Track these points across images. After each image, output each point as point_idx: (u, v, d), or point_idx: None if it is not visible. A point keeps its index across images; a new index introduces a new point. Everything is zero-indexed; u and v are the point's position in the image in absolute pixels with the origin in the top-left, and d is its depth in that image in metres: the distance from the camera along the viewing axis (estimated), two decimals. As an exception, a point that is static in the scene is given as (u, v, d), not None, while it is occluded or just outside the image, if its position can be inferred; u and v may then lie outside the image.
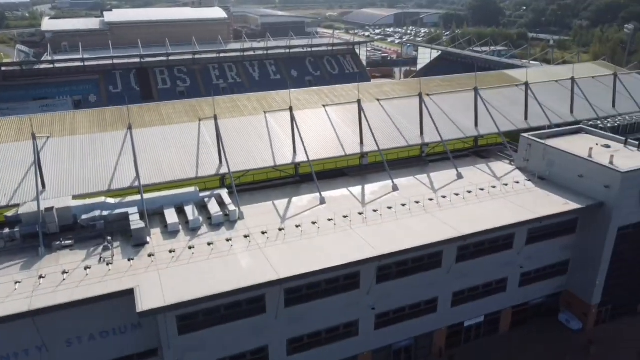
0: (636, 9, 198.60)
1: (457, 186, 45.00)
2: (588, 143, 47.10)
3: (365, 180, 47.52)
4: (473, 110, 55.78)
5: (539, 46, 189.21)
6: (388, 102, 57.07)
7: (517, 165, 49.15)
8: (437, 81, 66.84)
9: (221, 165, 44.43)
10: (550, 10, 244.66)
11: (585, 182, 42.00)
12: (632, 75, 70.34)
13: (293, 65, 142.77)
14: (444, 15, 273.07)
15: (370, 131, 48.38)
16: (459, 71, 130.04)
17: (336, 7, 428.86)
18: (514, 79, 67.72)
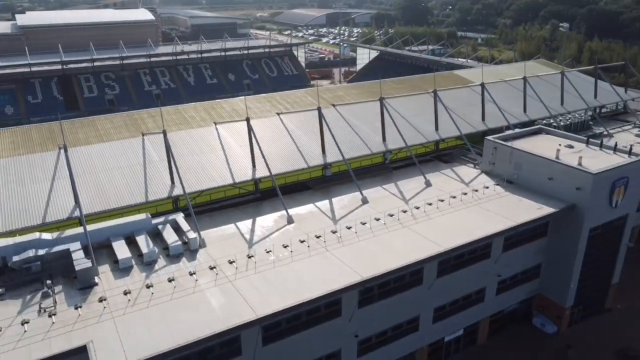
0: (554, 8, 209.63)
1: (428, 195, 43.08)
2: (551, 144, 46.82)
3: (331, 193, 44.52)
4: (432, 114, 54.37)
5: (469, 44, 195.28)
6: (345, 108, 54.38)
7: (482, 169, 48.08)
8: (390, 83, 65.15)
9: (174, 186, 39.78)
10: (475, 9, 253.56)
11: (556, 184, 41.37)
12: (573, 73, 72.09)
13: (230, 68, 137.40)
14: (375, 15, 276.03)
15: (334, 140, 45.42)
16: (398, 71, 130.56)
17: (266, 8, 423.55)
18: (466, 80, 67.39)
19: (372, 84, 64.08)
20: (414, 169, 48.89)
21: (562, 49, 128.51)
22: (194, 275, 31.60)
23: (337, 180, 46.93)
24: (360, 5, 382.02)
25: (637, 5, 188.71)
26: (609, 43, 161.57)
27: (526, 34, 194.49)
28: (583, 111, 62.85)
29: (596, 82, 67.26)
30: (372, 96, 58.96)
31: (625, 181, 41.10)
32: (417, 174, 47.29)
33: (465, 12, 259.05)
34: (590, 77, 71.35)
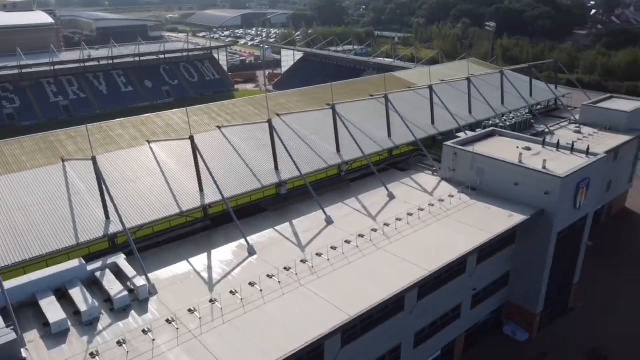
0: (464, 7, 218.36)
1: (394, 209, 40.24)
2: (508, 146, 45.90)
3: (290, 214, 40.35)
4: (382, 119, 51.86)
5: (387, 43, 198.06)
6: (292, 117, 50.32)
7: (442, 176, 46.16)
8: (334, 88, 61.72)
9: (109, 222, 33.67)
10: (389, 9, 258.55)
11: (522, 189, 40.16)
12: (508, 72, 72.93)
13: (146, 74, 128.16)
14: (291, 15, 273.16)
15: (288, 154, 41.20)
16: (325, 72, 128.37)
17: (175, 9, 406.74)
18: (407, 82, 65.79)
19: (315, 89, 60.52)
20: (372, 180, 45.99)
21: (491, 49, 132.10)
22: (149, 333, 26.20)
23: (293, 199, 42.82)
24: (274, 5, 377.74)
25: (538, 4, 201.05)
26: (517, 40, 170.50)
27: (440, 32, 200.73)
28: (522, 110, 63.38)
29: (531, 80, 68.49)
30: (317, 103, 55.50)
31: (587, 182, 40.78)
32: (376, 186, 44.41)
33: (379, 11, 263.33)
34: (522, 76, 72.75)
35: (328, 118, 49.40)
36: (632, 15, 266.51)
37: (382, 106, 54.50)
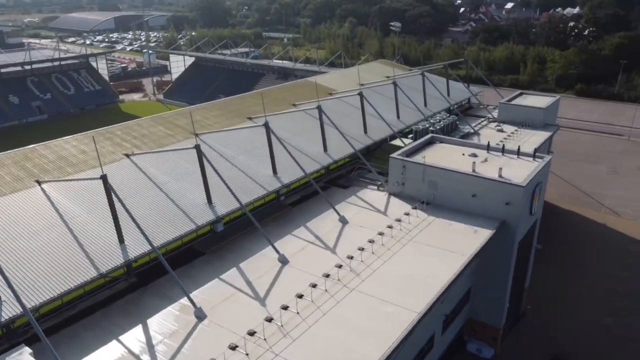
0: (348, 7, 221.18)
1: (352, 237, 35.62)
2: (453, 154, 43.51)
3: (233, 255, 33.89)
4: (314, 132, 47.11)
5: (275, 44, 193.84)
6: (215, 137, 43.49)
7: (389, 191, 42.49)
8: (249, 99, 55.64)
9: (0, 303, 24.89)
10: (273, 9, 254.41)
11: (480, 201, 37.72)
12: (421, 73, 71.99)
13: (9, 89, 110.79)
14: (171, 17, 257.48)
15: (223, 182, 34.59)
16: (221, 78, 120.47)
17: (33, 12, 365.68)
18: (327, 88, 61.53)
19: (232, 101, 53.86)
20: (315, 202, 41.02)
21: (397, 50, 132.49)
22: None
23: (232, 235, 36.31)
24: (148, 6, 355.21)
25: (417, 3, 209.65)
26: (404, 38, 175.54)
27: (329, 32, 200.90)
28: (444, 111, 62.37)
29: (448, 80, 67.97)
30: (237, 116, 49.20)
31: (540, 186, 39.54)
32: (323, 209, 39.49)
33: (263, 12, 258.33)
34: (436, 76, 72.24)
35: (257, 135, 43.50)
36: (495, 12, 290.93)
37: (311, 117, 49.76)
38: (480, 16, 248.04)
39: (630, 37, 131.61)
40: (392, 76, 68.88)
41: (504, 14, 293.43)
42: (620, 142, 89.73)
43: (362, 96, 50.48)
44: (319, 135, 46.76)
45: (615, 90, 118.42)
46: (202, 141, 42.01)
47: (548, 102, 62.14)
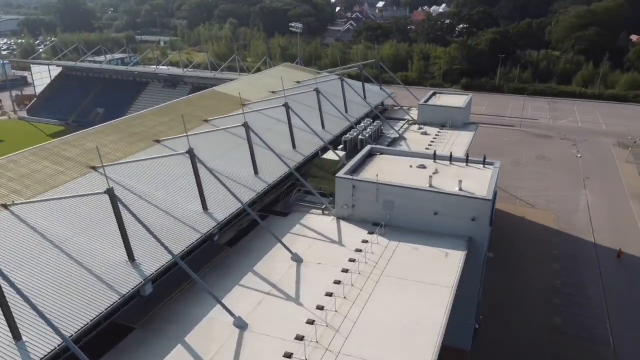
0: (227, 7, 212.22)
1: (312, 278, 30.01)
2: (400, 166, 39.72)
3: (171, 326, 26.40)
4: (240, 153, 40.63)
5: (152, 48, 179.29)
6: (121, 170, 35.02)
7: (337, 215, 37.47)
8: (150, 116, 46.95)
9: None
10: (144, 11, 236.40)
11: (443, 219, 34.26)
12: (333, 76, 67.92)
13: None
14: (23, 21, 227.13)
15: (147, 230, 26.91)
16: (98, 89, 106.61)
17: None
18: (237, 99, 54.64)
19: (129, 121, 44.82)
20: (255, 239, 34.76)
21: (299, 53, 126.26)
22: None
23: (165, 298, 28.64)
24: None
25: (298, 3, 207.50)
26: (290, 38, 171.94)
27: (210, 34, 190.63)
28: (365, 116, 58.91)
29: (364, 83, 64.60)
30: (142, 140, 40.97)
31: (496, 195, 37.11)
32: (266, 247, 33.36)
33: (133, 14, 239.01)
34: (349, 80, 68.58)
35: (175, 162, 36.02)
36: (369, 11, 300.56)
37: (232, 136, 43.03)
38: (357, 15, 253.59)
39: (502, 32, 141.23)
40: (302, 81, 64.14)
41: (377, 12, 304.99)
42: (514, 134, 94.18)
43: (288, 107, 44.73)
44: (245, 156, 40.28)
45: (497, 83, 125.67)
46: (105, 176, 33.41)
47: (464, 100, 61.58)
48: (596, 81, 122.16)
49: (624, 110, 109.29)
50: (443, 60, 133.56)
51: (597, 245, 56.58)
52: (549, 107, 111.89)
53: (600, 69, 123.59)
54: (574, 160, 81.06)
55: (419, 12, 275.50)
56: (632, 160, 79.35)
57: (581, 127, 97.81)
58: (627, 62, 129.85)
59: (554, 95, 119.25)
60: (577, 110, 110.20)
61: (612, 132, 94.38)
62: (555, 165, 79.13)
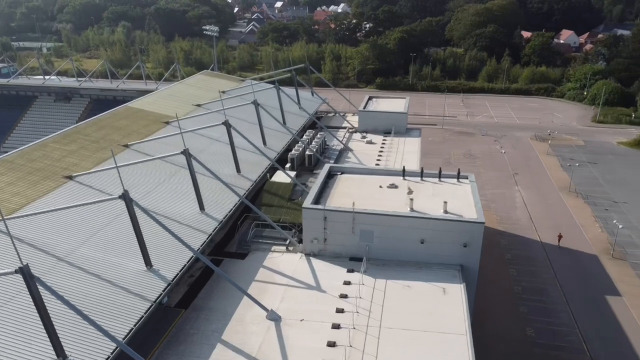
0: (117, 9, 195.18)
1: (298, 342, 24.27)
2: (368, 187, 35.02)
3: None
4: (179, 185, 33.61)
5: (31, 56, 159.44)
6: (30, 225, 26.67)
7: (306, 251, 31.92)
8: (52, 144, 37.81)
9: None
10: (19, 14, 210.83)
11: (430, 247, 30.14)
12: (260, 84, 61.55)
13: None
14: None
15: (76, 312, 19.59)
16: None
17: None
18: (158, 115, 46.89)
19: (28, 152, 35.49)
20: (215, 294, 28.22)
21: (215, 58, 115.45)
22: None
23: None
24: None
25: (197, 4, 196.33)
26: (193, 41, 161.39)
27: (100, 39, 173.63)
28: (303, 127, 53.65)
29: (297, 89, 59.03)
30: (49, 177, 32.62)
31: (477, 213, 33.77)
32: (232, 303, 27.10)
33: (6, 17, 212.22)
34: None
35: (100, 208, 28.32)
36: (269, 11, 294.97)
37: (164, 163, 35.72)
38: (258, 15, 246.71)
39: (408, 30, 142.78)
40: (227, 91, 57.45)
41: (277, 12, 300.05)
42: (437, 132, 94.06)
43: (229, 126, 38.08)
44: (184, 188, 33.41)
45: (410, 82, 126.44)
46: (9, 235, 25.09)
47: (403, 104, 58.62)
48: (500, 76, 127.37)
49: (530, 103, 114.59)
50: (356, 60, 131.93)
51: (543, 243, 56.36)
52: (463, 103, 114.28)
53: (502, 64, 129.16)
54: (499, 156, 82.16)
55: (319, 12, 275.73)
56: (551, 152, 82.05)
57: (497, 122, 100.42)
58: (524, 57, 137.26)
59: (464, 91, 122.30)
60: (488, 105, 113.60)
61: (525, 125, 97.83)
62: (484, 163, 79.57)
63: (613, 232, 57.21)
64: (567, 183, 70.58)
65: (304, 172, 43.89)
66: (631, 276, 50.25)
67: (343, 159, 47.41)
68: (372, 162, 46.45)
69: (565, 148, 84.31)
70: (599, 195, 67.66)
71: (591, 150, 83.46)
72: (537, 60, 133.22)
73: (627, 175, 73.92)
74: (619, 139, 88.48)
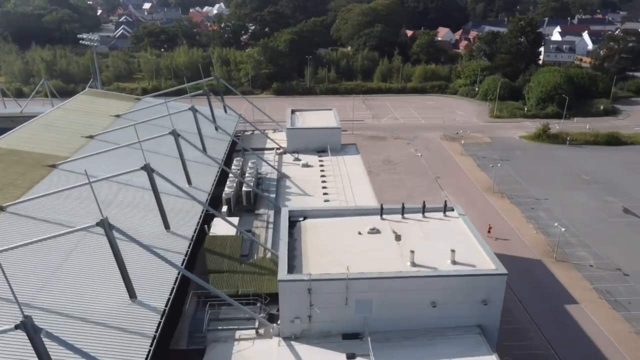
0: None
1: None
2: (347, 236, 28.08)
3: None
4: (97, 266, 23.92)
5: None
6: None
7: (285, 334, 24.15)
8: None
9: None
10: None
11: (443, 309, 24.19)
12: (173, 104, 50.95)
13: None
14: None
15: None
16: None
17: None
18: (39, 156, 35.35)
19: None
20: None
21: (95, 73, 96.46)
22: None
23: None
24: None
25: (53, 6, 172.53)
26: (56, 49, 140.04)
27: None
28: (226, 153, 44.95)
29: (212, 108, 49.58)
30: None
31: (474, 253, 28.57)
32: None
33: None
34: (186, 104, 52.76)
35: None
36: (137, 13, 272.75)
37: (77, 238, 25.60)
38: (127, 18, 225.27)
39: (297, 32, 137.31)
40: (122, 114, 46.89)
41: (146, 14, 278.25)
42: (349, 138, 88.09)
43: (152, 172, 28.52)
44: (110, 271, 23.77)
45: (308, 85, 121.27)
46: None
47: (333, 117, 52.53)
48: (394, 75, 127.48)
49: (428, 102, 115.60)
50: (248, 64, 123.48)
51: (488, 253, 53.92)
52: (365, 105, 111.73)
53: (394, 63, 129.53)
54: (417, 161, 79.92)
55: (194, 13, 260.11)
56: (465, 152, 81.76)
57: (404, 124, 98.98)
58: (412, 55, 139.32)
59: (363, 92, 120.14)
60: (389, 105, 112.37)
61: (432, 125, 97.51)
62: (404, 169, 76.68)
63: (548, 233, 56.84)
64: (488, 184, 69.98)
65: (242, 213, 35.74)
66: (579, 279, 49.44)
67: (282, 191, 39.93)
68: (317, 191, 39.63)
69: (476, 147, 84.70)
70: (520, 193, 67.79)
71: (499, 147, 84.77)
72: (425, 58, 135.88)
73: (537, 170, 75.55)
74: (520, 133, 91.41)
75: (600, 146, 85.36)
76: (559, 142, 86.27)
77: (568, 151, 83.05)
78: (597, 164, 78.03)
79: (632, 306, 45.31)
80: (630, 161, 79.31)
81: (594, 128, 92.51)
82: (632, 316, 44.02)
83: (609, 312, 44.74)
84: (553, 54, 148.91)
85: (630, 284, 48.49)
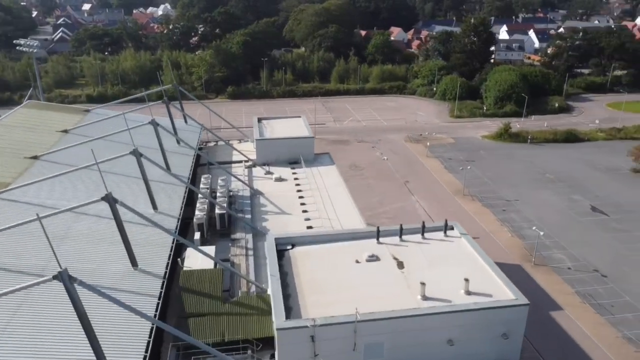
0: None
1: None
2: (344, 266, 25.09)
3: None
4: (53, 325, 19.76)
5: None
6: None
7: (283, 387, 20.88)
8: None
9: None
10: None
11: (461, 347, 21.67)
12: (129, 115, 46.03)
13: None
14: None
15: None
16: None
17: None
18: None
19: None
20: None
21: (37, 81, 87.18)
22: None
23: None
24: None
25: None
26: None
27: None
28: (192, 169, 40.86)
29: (172, 119, 45.13)
30: None
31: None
32: None
33: None
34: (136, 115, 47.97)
35: None
36: (77, 14, 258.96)
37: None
38: (65, 20, 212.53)
39: (250, 33, 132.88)
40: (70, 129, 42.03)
41: (86, 16, 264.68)
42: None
43: (115, 202, 24.41)
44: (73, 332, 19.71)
45: (264, 88, 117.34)
46: None
47: (302, 125, 49.42)
48: (351, 76, 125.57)
49: (388, 103, 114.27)
50: (201, 68, 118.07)
51: (466, 260, 52.39)
52: (325, 107, 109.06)
53: (350, 64, 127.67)
54: (383, 164, 77.94)
55: (138, 14, 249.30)
56: (430, 154, 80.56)
57: (366, 126, 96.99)
58: (368, 55, 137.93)
59: (321, 94, 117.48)
60: (349, 107, 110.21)
61: (394, 127, 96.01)
62: (372, 174, 74.49)
63: (523, 236, 56.08)
64: (457, 186, 68.85)
65: (217, 238, 32.06)
66: (560, 283, 48.61)
67: (257, 210, 36.46)
68: (295, 208, 36.44)
69: (440, 148, 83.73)
70: (490, 195, 67.01)
71: (463, 148, 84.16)
72: (381, 58, 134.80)
73: (503, 170, 75.27)
74: (482, 133, 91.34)
75: (560, 144, 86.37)
76: (520, 141, 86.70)
77: (530, 150, 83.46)
78: (559, 162, 78.68)
79: (615, 309, 44.77)
80: (590, 158, 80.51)
81: (551, 126, 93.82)
82: (616, 320, 43.41)
83: (594, 316, 43.96)
84: (503, 53, 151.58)
85: (610, 286, 48.12)
